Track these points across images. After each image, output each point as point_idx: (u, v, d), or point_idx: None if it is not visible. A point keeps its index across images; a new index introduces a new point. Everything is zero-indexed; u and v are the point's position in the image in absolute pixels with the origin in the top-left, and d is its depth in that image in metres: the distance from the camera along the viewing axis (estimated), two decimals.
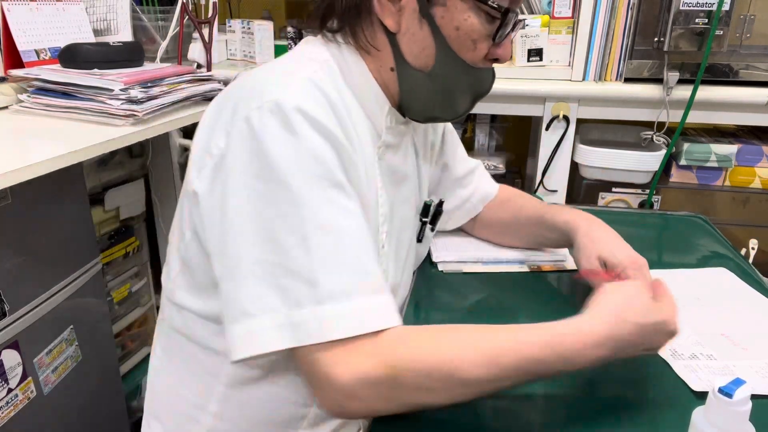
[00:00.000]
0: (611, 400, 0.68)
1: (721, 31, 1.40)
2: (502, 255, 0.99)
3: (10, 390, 1.08)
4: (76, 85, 1.20)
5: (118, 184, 1.59)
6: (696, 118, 1.52)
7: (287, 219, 0.58)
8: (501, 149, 1.89)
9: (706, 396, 0.51)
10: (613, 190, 1.61)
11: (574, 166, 1.63)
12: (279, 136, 0.59)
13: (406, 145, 0.83)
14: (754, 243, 1.50)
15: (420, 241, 0.92)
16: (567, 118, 1.56)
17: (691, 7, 1.39)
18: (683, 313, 0.65)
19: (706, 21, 1.39)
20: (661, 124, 1.53)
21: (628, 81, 1.52)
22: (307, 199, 0.58)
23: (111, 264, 1.59)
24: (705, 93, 1.46)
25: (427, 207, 0.92)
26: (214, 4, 1.62)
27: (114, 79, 1.18)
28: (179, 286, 0.72)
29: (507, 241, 1.02)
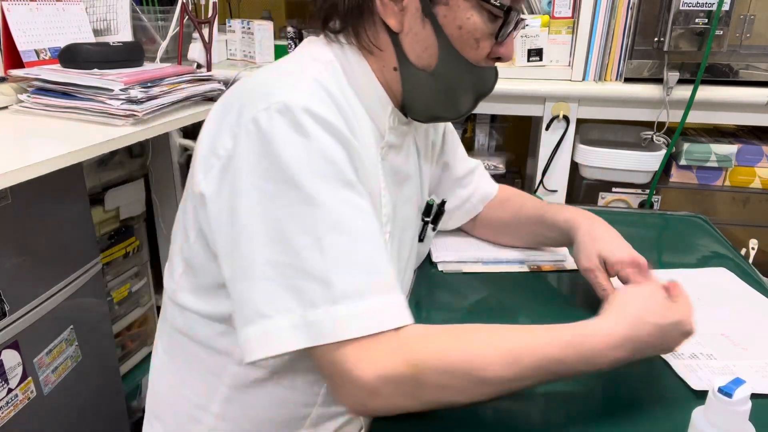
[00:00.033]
0: (611, 400, 0.68)
1: (721, 31, 1.40)
2: (502, 255, 0.99)
3: (10, 390, 1.08)
4: (76, 85, 1.20)
5: (118, 184, 1.59)
6: (696, 118, 1.52)
7: (299, 219, 0.58)
8: (501, 149, 1.89)
9: (705, 396, 0.51)
10: (613, 190, 1.61)
11: (574, 166, 1.63)
12: (289, 137, 0.59)
13: (408, 145, 0.83)
14: (754, 243, 1.50)
15: (422, 240, 0.92)
16: (567, 118, 1.56)
17: (691, 7, 1.39)
18: None
19: (706, 21, 1.39)
20: (661, 124, 1.53)
21: (628, 81, 1.52)
22: (319, 199, 0.58)
23: (111, 264, 1.59)
24: (705, 93, 1.46)
25: (429, 207, 0.92)
26: (214, 4, 1.62)
27: (114, 79, 1.18)
28: (182, 287, 0.72)
29: (507, 240, 1.02)
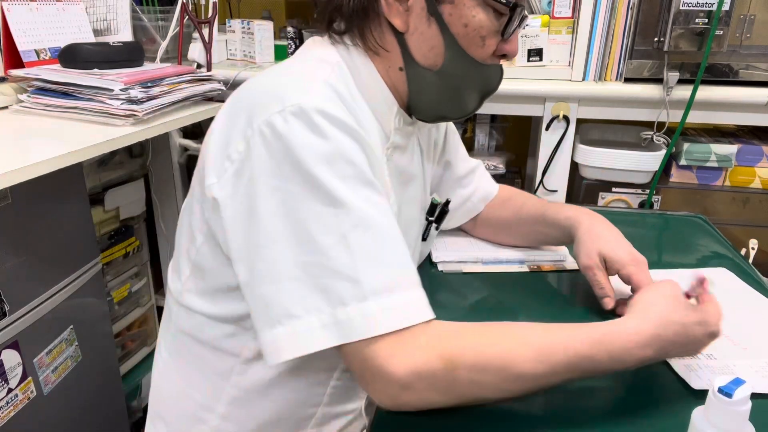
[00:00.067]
0: (611, 399, 0.68)
1: (721, 31, 1.40)
2: (502, 255, 0.99)
3: (10, 390, 1.08)
4: (76, 85, 1.20)
5: (118, 184, 1.59)
6: (696, 118, 1.52)
7: (324, 219, 0.58)
8: (501, 149, 1.88)
9: (705, 395, 0.51)
10: (613, 190, 1.61)
11: (574, 166, 1.63)
12: (307, 139, 0.59)
13: (412, 146, 0.83)
14: (754, 243, 1.50)
15: (425, 240, 0.92)
16: (567, 118, 1.56)
17: (691, 7, 1.39)
18: None
19: (706, 21, 1.39)
20: (661, 124, 1.53)
21: (628, 81, 1.52)
22: (342, 198, 0.58)
23: (111, 264, 1.59)
24: (705, 93, 1.46)
25: (434, 206, 0.92)
26: (214, 4, 1.62)
27: (114, 79, 1.18)
28: (190, 290, 0.72)
29: (507, 239, 1.02)
